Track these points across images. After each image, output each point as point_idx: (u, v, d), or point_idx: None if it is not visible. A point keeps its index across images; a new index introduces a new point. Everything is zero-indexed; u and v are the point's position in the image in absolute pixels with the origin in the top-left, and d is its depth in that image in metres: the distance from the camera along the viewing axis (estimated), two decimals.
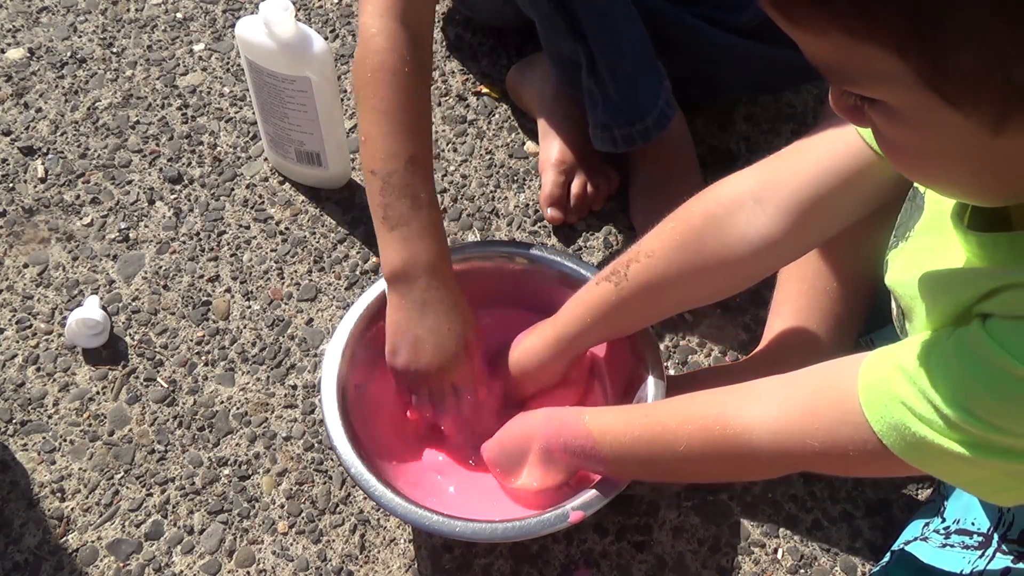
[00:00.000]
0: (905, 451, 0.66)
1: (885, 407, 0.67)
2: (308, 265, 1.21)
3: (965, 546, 0.81)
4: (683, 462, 0.82)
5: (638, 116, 1.15)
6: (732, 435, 0.77)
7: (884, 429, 0.67)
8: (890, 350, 0.69)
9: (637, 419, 0.85)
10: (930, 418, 0.64)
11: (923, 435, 0.64)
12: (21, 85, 1.38)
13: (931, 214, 0.73)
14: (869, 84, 0.53)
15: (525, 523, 0.89)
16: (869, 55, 0.50)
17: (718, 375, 1.08)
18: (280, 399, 1.11)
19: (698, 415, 0.80)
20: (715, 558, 1.01)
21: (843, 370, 0.72)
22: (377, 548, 1.02)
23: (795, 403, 0.74)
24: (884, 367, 0.68)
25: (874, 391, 0.68)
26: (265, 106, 1.20)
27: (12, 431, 1.09)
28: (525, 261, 1.06)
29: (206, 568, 1.01)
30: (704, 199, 0.89)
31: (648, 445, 0.83)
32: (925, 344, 0.66)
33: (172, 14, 1.46)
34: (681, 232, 0.88)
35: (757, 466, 0.81)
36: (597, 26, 1.10)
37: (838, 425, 0.70)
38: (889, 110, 0.54)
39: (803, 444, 0.72)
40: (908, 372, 0.65)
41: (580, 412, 0.90)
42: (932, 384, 0.63)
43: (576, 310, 0.96)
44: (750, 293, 1.18)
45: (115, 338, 1.15)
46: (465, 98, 1.36)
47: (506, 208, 1.26)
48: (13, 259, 1.22)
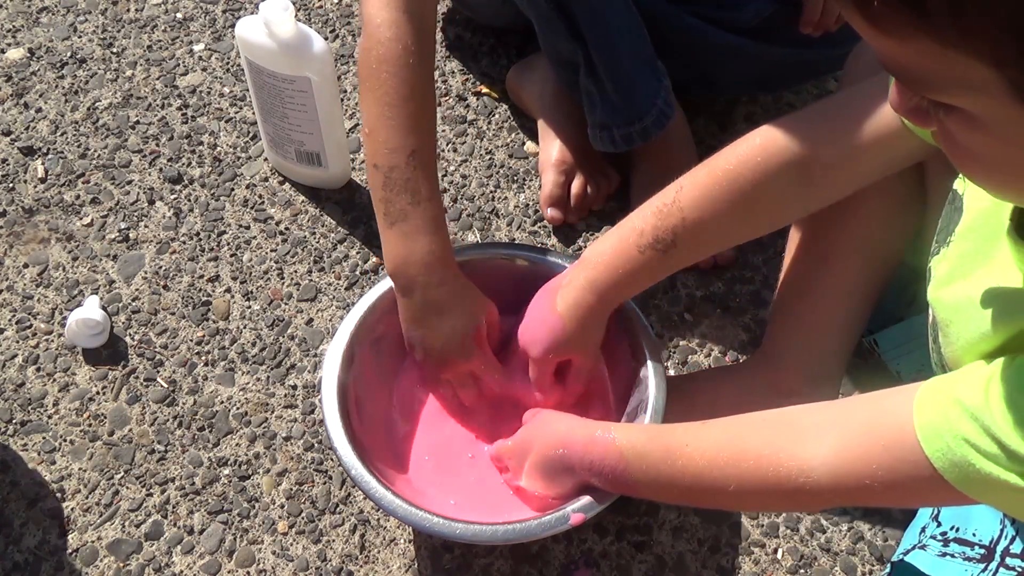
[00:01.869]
0: (967, 486, 0.65)
1: (946, 444, 0.65)
2: (308, 265, 1.21)
3: (966, 557, 0.81)
4: (730, 497, 0.80)
5: (636, 116, 1.15)
6: (787, 476, 0.75)
7: (946, 466, 0.65)
8: (944, 383, 0.68)
9: (677, 448, 0.82)
10: (995, 454, 0.62)
11: (988, 471, 0.63)
12: (21, 85, 1.38)
13: (972, 215, 0.72)
14: (952, 92, 0.51)
15: (526, 525, 0.89)
16: (958, 64, 0.48)
17: (718, 375, 1.08)
18: (280, 399, 1.11)
19: (750, 454, 0.77)
20: (715, 558, 1.01)
21: (896, 405, 0.70)
22: (377, 548, 1.02)
23: (849, 441, 0.72)
24: (941, 402, 0.66)
25: (932, 428, 0.66)
26: (265, 106, 1.20)
27: (12, 431, 1.09)
28: (526, 263, 1.06)
29: (206, 568, 1.01)
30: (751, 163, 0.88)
31: (693, 479, 0.80)
32: (983, 376, 0.64)
33: (172, 14, 1.46)
34: (730, 201, 0.88)
35: (813, 503, 0.80)
36: (594, 26, 1.10)
37: (896, 463, 0.68)
38: (968, 118, 0.52)
39: (860, 483, 0.71)
40: (968, 408, 0.64)
41: (607, 429, 0.87)
42: (996, 420, 0.62)
43: (618, 276, 0.93)
44: (750, 293, 1.18)
45: (115, 338, 1.15)
46: (465, 98, 1.36)
47: (506, 208, 1.26)
48: (13, 259, 1.22)
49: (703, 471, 0.79)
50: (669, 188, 0.91)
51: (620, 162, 1.24)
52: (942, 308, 0.73)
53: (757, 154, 0.87)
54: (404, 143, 0.95)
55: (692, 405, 1.02)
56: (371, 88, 0.96)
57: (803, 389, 1.00)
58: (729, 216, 0.89)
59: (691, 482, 0.80)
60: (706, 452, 0.80)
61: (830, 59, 1.21)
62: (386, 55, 0.95)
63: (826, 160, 0.86)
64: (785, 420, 0.78)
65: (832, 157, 0.86)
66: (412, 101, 0.96)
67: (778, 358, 1.02)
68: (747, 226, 0.92)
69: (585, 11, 1.10)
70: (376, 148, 0.96)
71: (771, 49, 1.21)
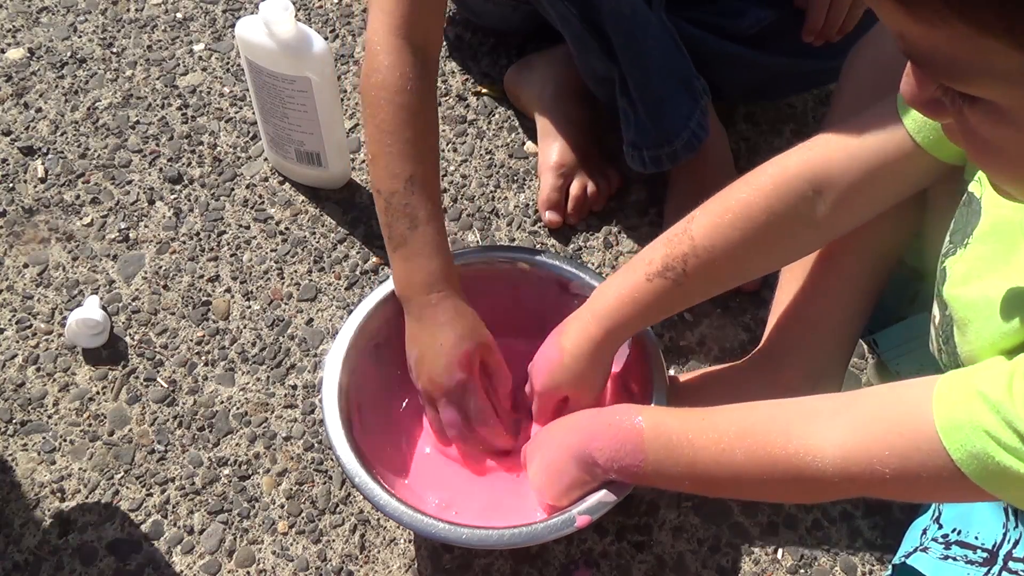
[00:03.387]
0: (985, 479, 0.65)
1: (966, 436, 0.65)
2: (308, 265, 1.21)
3: (968, 560, 0.81)
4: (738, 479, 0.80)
5: (666, 139, 1.14)
6: (798, 459, 0.74)
7: (964, 458, 0.65)
8: (965, 375, 0.67)
9: (693, 423, 0.82)
10: (1016, 447, 0.62)
11: (1008, 464, 0.63)
12: (21, 85, 1.38)
13: (991, 220, 0.72)
14: (980, 80, 0.50)
15: (532, 528, 0.88)
16: (991, 50, 0.47)
17: (719, 377, 1.08)
18: (280, 399, 1.11)
19: (760, 436, 0.77)
20: (715, 558, 1.01)
21: (914, 395, 0.69)
22: (377, 548, 1.02)
23: (862, 427, 0.72)
24: (962, 394, 0.66)
25: (952, 420, 0.66)
26: (265, 106, 1.20)
27: (12, 431, 1.09)
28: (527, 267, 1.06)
29: (206, 568, 1.01)
30: (762, 191, 0.88)
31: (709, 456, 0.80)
32: (1006, 371, 0.64)
33: (172, 14, 1.46)
34: (741, 228, 0.88)
35: (819, 489, 0.79)
36: (627, 47, 1.10)
37: (911, 452, 0.68)
38: (994, 109, 0.51)
39: (872, 470, 0.70)
40: (991, 400, 0.63)
41: (627, 413, 0.87)
42: (1019, 413, 0.62)
43: (625, 310, 0.93)
44: (750, 293, 1.18)
45: (115, 338, 1.15)
46: (465, 98, 1.36)
47: (506, 208, 1.26)
48: (13, 259, 1.22)
49: (712, 444, 0.79)
50: (682, 220, 0.91)
51: (658, 178, 1.24)
52: (961, 306, 0.73)
53: (768, 183, 0.87)
54: (402, 169, 0.96)
55: (692, 406, 1.01)
56: (371, 115, 0.97)
57: (803, 388, 1.00)
58: (742, 246, 0.88)
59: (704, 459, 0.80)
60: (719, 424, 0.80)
61: (830, 69, 1.21)
62: (384, 82, 0.96)
63: (839, 189, 0.85)
64: (798, 406, 0.78)
65: (844, 185, 0.85)
66: (410, 128, 0.96)
67: (778, 357, 1.02)
68: (760, 256, 0.91)
69: (619, 32, 1.09)
70: (378, 174, 0.97)
71: (770, 58, 1.21)
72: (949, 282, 0.76)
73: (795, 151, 0.88)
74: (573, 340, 0.94)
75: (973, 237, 0.73)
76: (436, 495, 0.98)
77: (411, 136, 0.97)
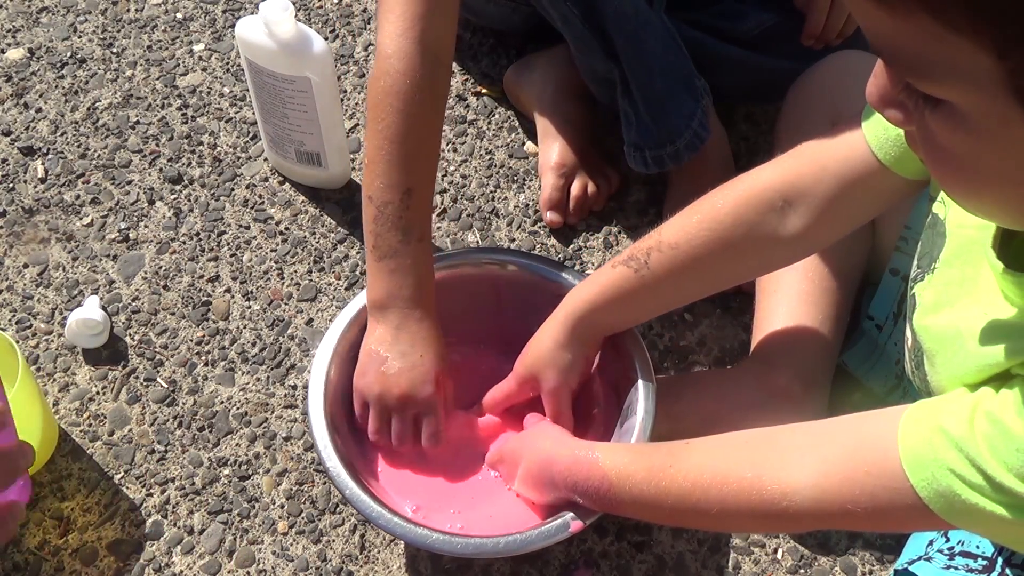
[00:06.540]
0: (953, 516, 0.65)
1: (931, 474, 0.65)
2: (308, 265, 1.21)
3: (969, 569, 0.81)
4: (713, 519, 0.80)
5: (669, 138, 1.14)
6: (770, 499, 0.74)
7: (931, 495, 0.65)
8: (928, 409, 0.67)
9: (661, 469, 0.81)
10: (980, 484, 0.62)
11: (974, 502, 0.62)
12: (21, 85, 1.38)
13: (956, 242, 0.71)
14: (945, 81, 0.49)
15: (526, 536, 0.88)
16: (959, 49, 0.46)
17: (712, 378, 1.09)
18: (280, 399, 1.11)
19: (733, 477, 0.77)
20: (715, 558, 1.01)
21: (879, 429, 0.69)
22: (377, 548, 1.02)
23: (832, 466, 0.72)
24: (925, 430, 0.66)
25: (917, 457, 0.66)
26: (265, 106, 1.20)
27: None
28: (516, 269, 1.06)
29: (206, 568, 1.01)
30: (732, 197, 0.88)
31: (677, 499, 0.80)
32: (968, 405, 0.64)
33: (172, 14, 1.46)
34: (708, 229, 0.88)
35: (794, 526, 0.81)
36: (629, 47, 1.10)
37: (879, 490, 0.68)
38: (955, 114, 0.50)
39: (843, 508, 0.70)
40: (953, 437, 0.63)
41: (590, 449, 0.87)
42: (980, 450, 0.61)
43: (588, 291, 0.94)
44: (750, 294, 1.18)
45: (115, 338, 1.15)
46: (465, 98, 1.36)
47: (506, 208, 1.26)
48: (13, 259, 1.22)
49: (686, 493, 0.79)
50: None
51: (658, 179, 1.24)
52: (928, 338, 0.72)
53: (741, 190, 0.88)
54: (401, 180, 0.95)
55: (687, 408, 1.02)
56: (375, 119, 0.95)
57: (795, 388, 1.01)
58: (705, 248, 0.88)
59: (674, 503, 0.80)
60: (689, 474, 0.79)
61: None
62: (392, 88, 0.94)
63: (808, 202, 0.85)
64: (768, 442, 0.78)
65: (814, 199, 0.85)
66: (413, 137, 0.95)
67: (768, 361, 1.03)
68: (728, 262, 0.90)
69: (621, 32, 1.09)
70: (372, 180, 0.96)
71: (770, 61, 1.21)
72: (919, 311, 0.75)
73: (772, 163, 0.88)
74: (543, 328, 0.97)
75: (940, 260, 0.73)
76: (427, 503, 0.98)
77: (413, 147, 0.95)
